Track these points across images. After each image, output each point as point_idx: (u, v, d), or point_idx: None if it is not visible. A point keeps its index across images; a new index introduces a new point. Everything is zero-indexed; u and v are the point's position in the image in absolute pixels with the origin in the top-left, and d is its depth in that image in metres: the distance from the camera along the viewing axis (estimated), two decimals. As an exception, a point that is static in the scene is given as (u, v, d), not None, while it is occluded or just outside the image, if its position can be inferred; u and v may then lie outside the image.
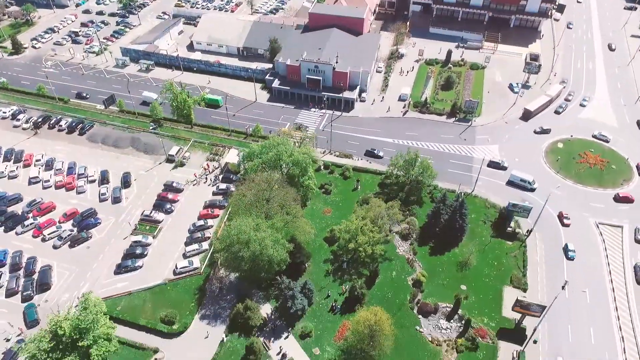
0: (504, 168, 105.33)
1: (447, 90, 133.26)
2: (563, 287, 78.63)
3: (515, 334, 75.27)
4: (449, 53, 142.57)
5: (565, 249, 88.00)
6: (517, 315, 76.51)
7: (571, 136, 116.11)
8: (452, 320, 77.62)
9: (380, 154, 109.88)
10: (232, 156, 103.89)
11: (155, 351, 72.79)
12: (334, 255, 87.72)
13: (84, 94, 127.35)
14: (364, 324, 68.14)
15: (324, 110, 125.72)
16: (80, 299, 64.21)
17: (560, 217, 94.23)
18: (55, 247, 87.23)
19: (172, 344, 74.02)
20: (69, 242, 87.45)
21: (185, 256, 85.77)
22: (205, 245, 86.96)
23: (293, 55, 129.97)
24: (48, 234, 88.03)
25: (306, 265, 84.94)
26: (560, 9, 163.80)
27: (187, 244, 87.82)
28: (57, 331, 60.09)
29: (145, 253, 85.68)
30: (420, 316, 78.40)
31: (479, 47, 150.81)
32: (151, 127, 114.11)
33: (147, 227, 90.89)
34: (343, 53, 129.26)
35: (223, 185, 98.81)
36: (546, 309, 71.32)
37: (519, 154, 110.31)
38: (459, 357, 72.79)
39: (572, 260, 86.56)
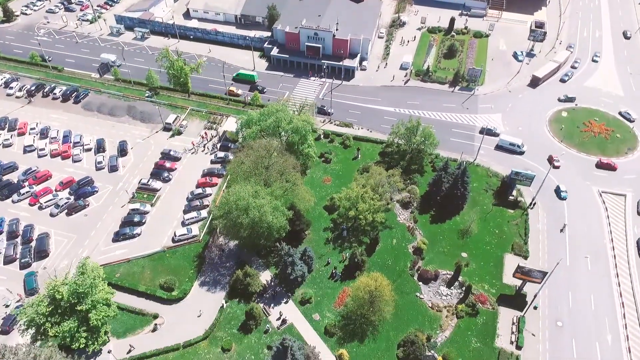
0: (497, 135, 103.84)
1: (449, 58, 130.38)
2: (562, 230, 79.03)
3: (516, 300, 75.05)
4: (452, 21, 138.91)
5: (558, 190, 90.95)
6: (518, 282, 76.20)
7: (576, 105, 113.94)
8: (452, 287, 77.32)
9: (330, 110, 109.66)
10: (230, 124, 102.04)
11: (155, 317, 72.66)
12: (334, 224, 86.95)
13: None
14: (364, 290, 67.82)
15: (323, 79, 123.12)
16: (78, 264, 63.46)
17: (551, 160, 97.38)
18: (52, 215, 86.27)
19: (172, 310, 73.84)
20: (65, 210, 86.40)
21: (183, 224, 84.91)
22: (203, 213, 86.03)
23: (292, 22, 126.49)
24: (45, 202, 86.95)
25: (306, 233, 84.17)
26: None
27: (185, 212, 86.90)
28: (55, 296, 59.55)
29: (144, 221, 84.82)
30: (420, 283, 78.10)
31: (482, 15, 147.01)
32: (147, 95, 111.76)
33: (145, 196, 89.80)
34: (343, 20, 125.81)
35: (221, 154, 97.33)
36: (547, 275, 70.84)
37: (522, 122, 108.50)
38: (459, 323, 72.70)
39: (565, 200, 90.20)
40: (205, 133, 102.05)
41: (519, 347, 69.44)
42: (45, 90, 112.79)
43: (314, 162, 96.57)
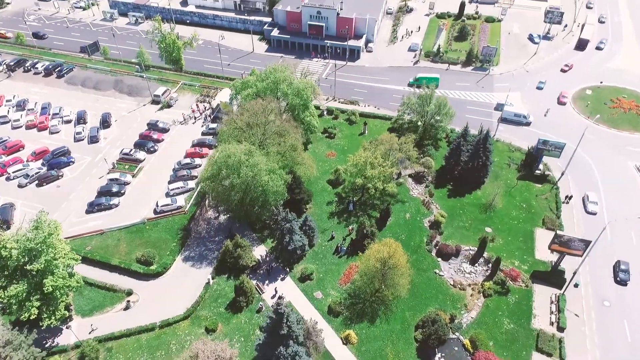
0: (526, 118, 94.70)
1: (461, 41, 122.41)
2: (566, 202, 70.18)
3: (552, 277, 64.00)
4: (462, 5, 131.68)
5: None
6: (553, 258, 65.44)
7: (601, 82, 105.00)
8: (476, 264, 66.38)
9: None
10: (224, 96, 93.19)
11: (129, 293, 61.83)
12: (338, 198, 76.72)
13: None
14: (375, 258, 57.01)
15: (327, 60, 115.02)
16: (33, 219, 53.17)
17: (560, 98, 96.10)
18: (20, 185, 76.50)
19: (149, 286, 63.09)
20: (36, 181, 76.59)
21: (168, 195, 74.81)
22: (191, 184, 76.04)
23: (293, 4, 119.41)
24: (13, 172, 77.23)
25: (307, 206, 73.88)
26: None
27: (170, 182, 76.91)
28: (1, 252, 49.10)
29: (123, 192, 74.85)
30: (439, 259, 67.26)
31: (494, 2, 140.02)
32: (136, 71, 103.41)
33: (127, 167, 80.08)
34: (348, 2, 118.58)
35: (213, 125, 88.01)
36: (591, 244, 60.03)
37: (543, 101, 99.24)
38: (487, 302, 61.51)
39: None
40: (197, 105, 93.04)
41: (560, 329, 58.05)
42: (26, 65, 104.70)
43: (316, 136, 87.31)
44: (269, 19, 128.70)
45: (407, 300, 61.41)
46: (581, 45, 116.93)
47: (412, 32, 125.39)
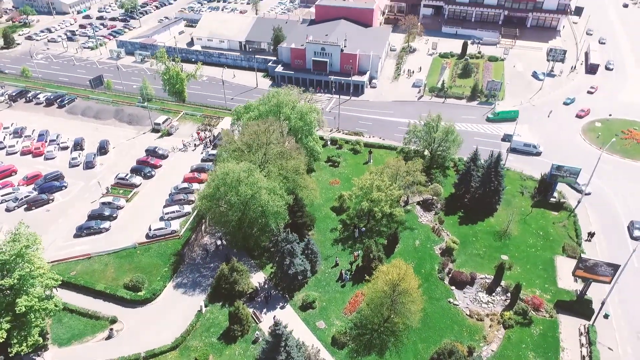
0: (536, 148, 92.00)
1: (464, 78, 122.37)
2: (589, 239, 62.18)
3: (578, 308, 58.15)
4: (465, 45, 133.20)
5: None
6: (577, 287, 60.03)
7: (610, 115, 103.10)
8: (494, 294, 60.77)
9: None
10: (226, 124, 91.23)
11: (113, 321, 56.23)
12: (343, 225, 72.35)
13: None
14: (383, 280, 51.85)
15: (330, 95, 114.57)
16: (10, 231, 48.91)
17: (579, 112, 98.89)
18: (8, 209, 72.68)
19: (136, 314, 57.52)
20: (25, 205, 72.87)
21: (162, 219, 70.64)
22: (187, 208, 72.06)
23: (298, 42, 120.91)
24: (1, 196, 73.75)
25: (309, 232, 69.41)
26: (578, 11, 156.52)
27: (166, 206, 72.96)
28: (-28, 265, 44.64)
29: (115, 215, 70.83)
30: (453, 288, 61.76)
31: (495, 44, 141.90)
32: (139, 102, 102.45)
33: (121, 191, 76.56)
34: (352, 41, 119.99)
35: (214, 152, 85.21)
36: (620, 268, 54.85)
37: (553, 133, 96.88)
38: (508, 334, 55.39)
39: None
40: (198, 133, 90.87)
41: (594, 363, 51.61)
42: (28, 96, 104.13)
43: (319, 164, 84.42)
44: (273, 58, 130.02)
45: (420, 330, 55.46)
46: (592, 69, 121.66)
47: (413, 72, 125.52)
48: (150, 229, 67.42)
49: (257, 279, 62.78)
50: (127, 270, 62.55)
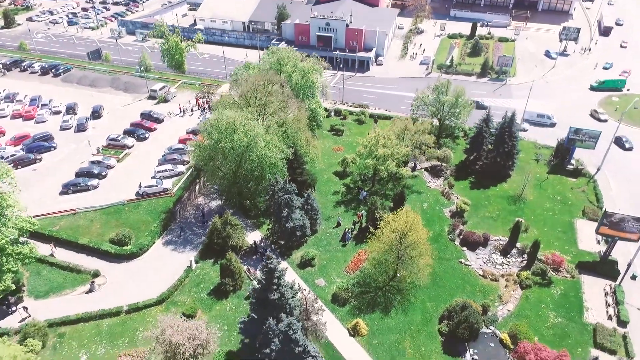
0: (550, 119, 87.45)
1: (474, 56, 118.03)
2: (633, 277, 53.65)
3: (602, 269, 53.18)
4: (474, 26, 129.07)
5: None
6: (600, 248, 55.09)
7: (627, 90, 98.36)
8: (509, 256, 55.96)
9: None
10: (225, 89, 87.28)
11: (95, 275, 51.93)
12: (346, 188, 67.92)
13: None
14: (390, 230, 47.25)
15: (335, 71, 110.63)
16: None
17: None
18: (-7, 168, 68.67)
19: (120, 269, 53.23)
20: (11, 163, 68.90)
21: (154, 178, 66.52)
22: (181, 168, 67.89)
23: (302, 20, 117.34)
24: (-13, 155, 70.09)
25: (310, 192, 64.90)
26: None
27: (158, 165, 68.87)
28: None
29: (104, 174, 66.83)
30: (464, 249, 57.00)
31: (505, 25, 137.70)
32: (136, 71, 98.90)
33: (112, 152, 72.64)
34: (357, 19, 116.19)
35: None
36: (650, 222, 49.95)
37: (570, 107, 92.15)
38: (526, 294, 50.52)
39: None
40: (197, 100, 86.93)
41: (622, 323, 46.58)
42: (23, 65, 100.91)
43: (322, 132, 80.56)
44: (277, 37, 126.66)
45: (428, 289, 50.75)
46: (606, 32, 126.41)
47: (424, 49, 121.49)
48: (140, 186, 63.28)
49: (253, 237, 58.33)
50: (114, 227, 58.34)
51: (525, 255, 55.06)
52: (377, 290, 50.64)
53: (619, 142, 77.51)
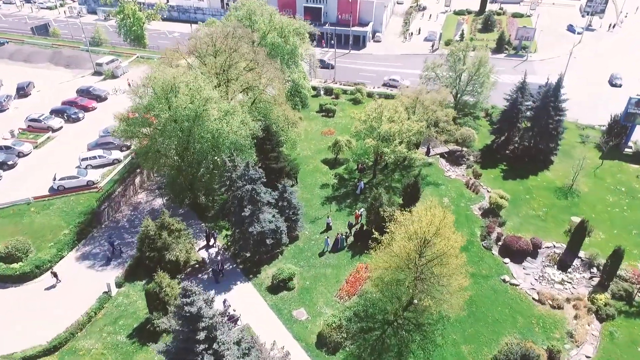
0: None
1: (486, 32, 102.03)
2: None
3: None
4: (484, 1, 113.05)
5: None
6: (702, 258, 38.36)
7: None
8: (570, 269, 39.22)
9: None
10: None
11: (-39, 307, 34.50)
12: (339, 180, 51.06)
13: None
14: (406, 234, 30.28)
15: (326, 48, 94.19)
16: None
17: None
18: None
19: (4, 298, 35.80)
20: None
21: (78, 167, 49.22)
22: (117, 155, 50.53)
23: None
24: None
25: (287, 183, 48.06)
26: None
27: (86, 152, 51.60)
28: None
29: (11, 163, 49.50)
30: (506, 261, 40.12)
31: (519, 1, 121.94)
32: (85, 44, 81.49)
33: (32, 136, 55.30)
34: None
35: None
36: None
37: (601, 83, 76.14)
38: (607, 327, 33.67)
39: None
40: (152, 75, 69.60)
41: None
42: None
43: (308, 114, 64.21)
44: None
45: (462, 323, 33.90)
46: None
47: (429, 25, 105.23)
48: (55, 179, 45.99)
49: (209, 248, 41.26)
50: (11, 234, 40.93)
51: (596, 269, 38.35)
52: (385, 326, 33.67)
53: None
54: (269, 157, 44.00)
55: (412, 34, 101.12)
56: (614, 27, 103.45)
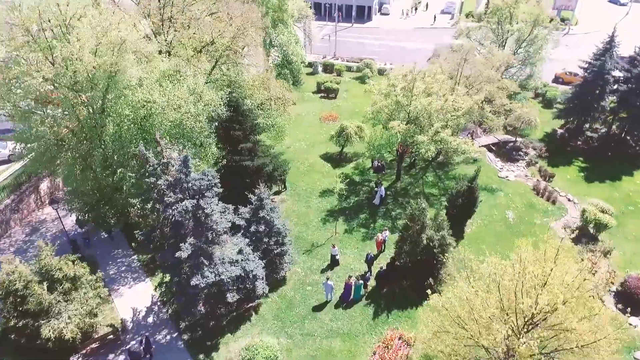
0: None
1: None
2: None
3: None
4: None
5: None
6: None
7: None
8: None
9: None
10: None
11: None
12: (347, 184, 34.55)
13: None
14: (484, 287, 13.78)
15: (325, 22, 78.16)
16: None
17: None
18: None
19: None
20: None
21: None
22: (10, 145, 33.76)
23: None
24: None
25: (265, 192, 31.89)
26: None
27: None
28: None
29: None
30: (628, 314, 23.82)
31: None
32: None
33: None
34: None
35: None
36: None
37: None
38: None
39: None
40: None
41: None
42: None
43: (303, 95, 48.37)
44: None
45: None
46: None
47: (414, 10, 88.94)
48: None
49: (139, 298, 24.85)
50: None
51: None
52: None
53: None
54: (238, 149, 27.63)
55: (427, 5, 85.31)
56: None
